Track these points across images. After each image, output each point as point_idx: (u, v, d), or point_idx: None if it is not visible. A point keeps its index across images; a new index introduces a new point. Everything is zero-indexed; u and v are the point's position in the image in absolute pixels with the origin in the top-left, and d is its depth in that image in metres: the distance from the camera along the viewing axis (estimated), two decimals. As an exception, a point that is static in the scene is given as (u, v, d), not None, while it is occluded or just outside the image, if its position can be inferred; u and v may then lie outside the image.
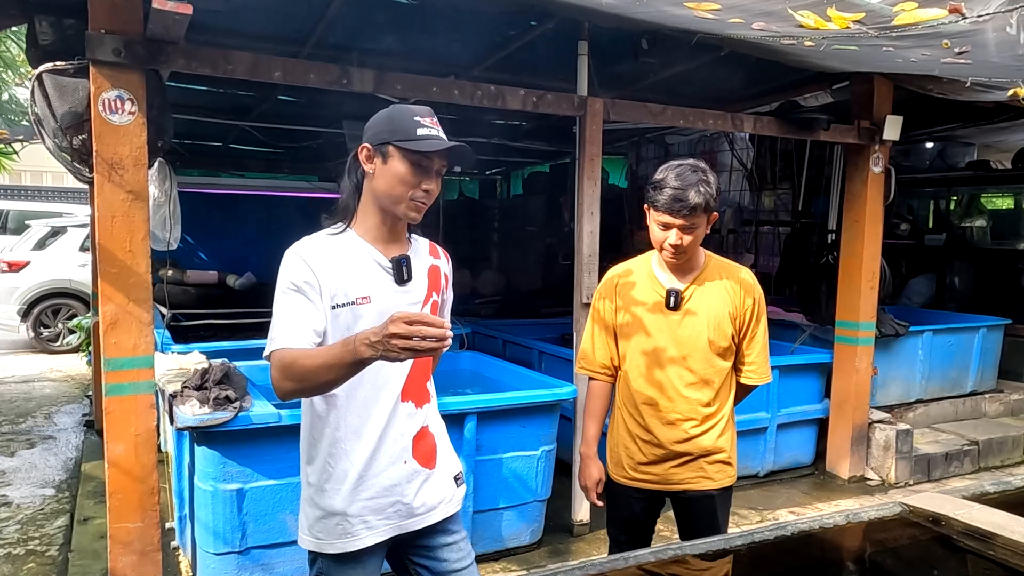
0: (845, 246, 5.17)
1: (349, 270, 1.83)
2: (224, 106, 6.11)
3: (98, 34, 2.84)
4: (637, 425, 2.41)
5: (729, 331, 2.37)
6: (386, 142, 1.82)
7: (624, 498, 2.48)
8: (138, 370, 3.02)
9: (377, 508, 1.88)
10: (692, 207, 2.21)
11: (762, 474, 5.11)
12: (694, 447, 2.38)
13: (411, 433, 1.93)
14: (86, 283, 8.67)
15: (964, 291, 7.40)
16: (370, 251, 1.88)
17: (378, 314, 1.79)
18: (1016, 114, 5.55)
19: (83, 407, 6.67)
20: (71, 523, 4.19)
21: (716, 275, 2.40)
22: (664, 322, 2.36)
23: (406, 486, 1.91)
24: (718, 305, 2.36)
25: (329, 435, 1.87)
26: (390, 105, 1.92)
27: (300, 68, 3.33)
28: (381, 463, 1.88)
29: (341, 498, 1.86)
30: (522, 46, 4.46)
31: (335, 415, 1.86)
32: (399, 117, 1.84)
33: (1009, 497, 2.17)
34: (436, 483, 1.98)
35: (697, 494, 2.41)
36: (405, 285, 1.90)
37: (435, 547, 1.99)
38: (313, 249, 1.83)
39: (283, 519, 3.20)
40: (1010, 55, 3.35)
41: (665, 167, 2.31)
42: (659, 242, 2.31)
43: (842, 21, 2.72)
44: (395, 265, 1.88)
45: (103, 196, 2.93)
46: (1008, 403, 6.25)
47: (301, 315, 1.77)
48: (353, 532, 1.87)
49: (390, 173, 1.82)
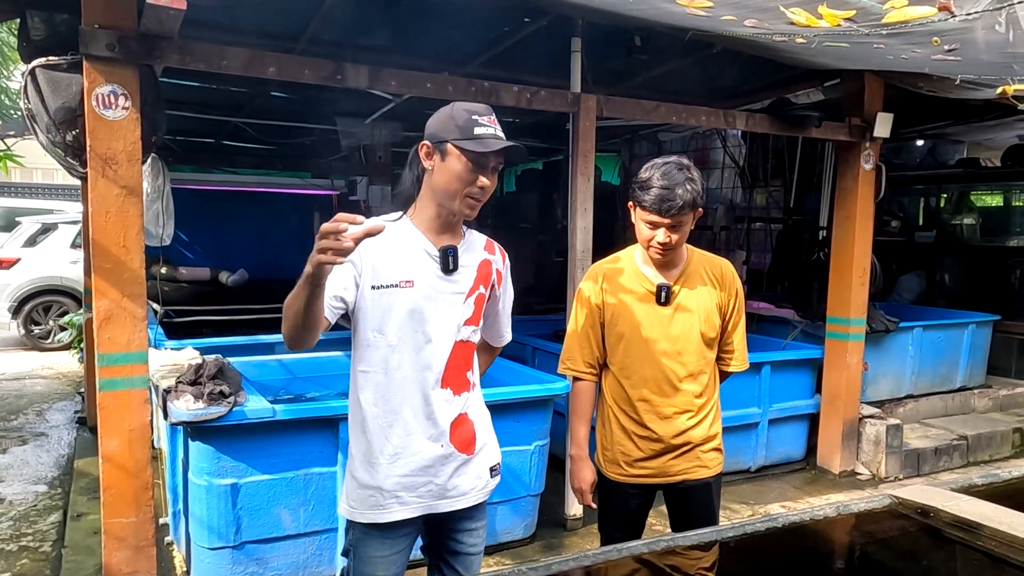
0: (836, 243, 5.21)
1: (396, 255, 1.93)
2: (218, 102, 6.10)
3: (92, 29, 2.84)
4: (632, 422, 2.41)
5: (717, 323, 2.42)
6: (444, 140, 1.90)
7: (621, 496, 2.48)
8: (132, 365, 3.03)
9: (409, 485, 1.96)
10: (680, 206, 2.22)
11: (754, 469, 5.14)
12: (690, 438, 2.40)
13: (449, 418, 2.00)
14: (77, 280, 8.63)
15: (954, 288, 7.46)
16: (421, 240, 1.97)
17: (422, 298, 1.93)
18: (1005, 112, 5.60)
19: (75, 404, 6.65)
20: (64, 519, 4.19)
21: (700, 268, 2.43)
22: (656, 317, 2.37)
23: (440, 468, 1.98)
24: (706, 298, 2.40)
25: (369, 412, 1.95)
26: (450, 104, 1.99)
27: (294, 64, 3.33)
28: (417, 443, 1.96)
29: (376, 472, 1.94)
30: (516, 43, 4.47)
31: (375, 394, 1.95)
32: (458, 116, 1.91)
33: (996, 489, 2.20)
34: (472, 469, 2.06)
35: (694, 483, 2.44)
36: (451, 275, 1.98)
37: (460, 530, 2.08)
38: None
39: (278, 514, 3.21)
40: (999, 53, 3.38)
41: (650, 165, 2.31)
42: (646, 240, 2.32)
43: (833, 19, 2.74)
44: (442, 254, 1.96)
45: (97, 191, 2.93)
46: (997, 398, 6.31)
47: (331, 285, 1.83)
48: (384, 505, 1.95)
49: (448, 170, 1.90)
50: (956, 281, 7.47)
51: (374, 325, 1.92)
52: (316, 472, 3.29)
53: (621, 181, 8.90)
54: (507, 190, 10.99)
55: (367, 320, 1.92)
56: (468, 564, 2.10)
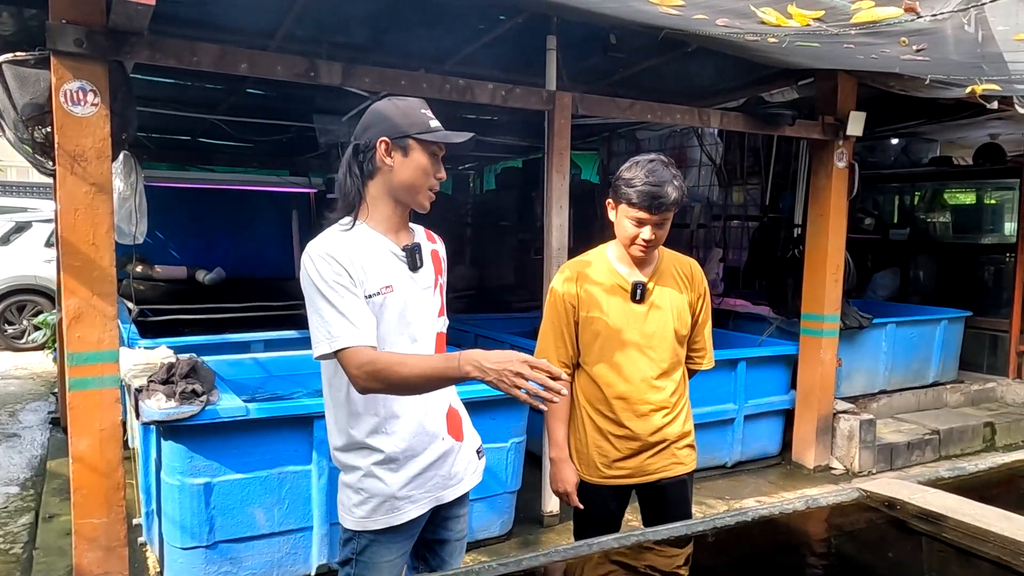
0: (810, 240, 5.26)
1: (371, 262, 1.89)
2: (192, 99, 6.04)
3: (59, 24, 2.80)
4: (609, 421, 2.41)
5: (688, 320, 2.45)
6: (406, 135, 1.88)
7: (599, 498, 2.45)
8: (103, 364, 2.99)
9: (420, 484, 1.98)
10: (671, 203, 2.25)
11: (730, 464, 5.19)
12: (666, 435, 2.42)
13: (443, 411, 2.04)
14: (51, 279, 8.50)
15: (927, 284, 7.57)
16: (384, 241, 1.93)
17: (401, 301, 1.92)
18: (977, 111, 5.69)
19: (49, 404, 6.56)
20: (36, 520, 4.13)
21: (671, 267, 2.46)
22: (631, 315, 2.38)
23: (444, 461, 2.02)
24: (678, 296, 2.42)
25: (370, 421, 1.92)
26: (378, 99, 1.99)
27: (267, 60, 3.31)
28: (423, 442, 1.97)
29: (390, 480, 1.93)
30: (491, 41, 4.47)
31: (376, 401, 1.92)
32: (411, 111, 1.90)
33: (962, 482, 2.23)
34: (464, 455, 2.10)
35: (670, 480, 2.45)
36: (418, 272, 1.97)
37: (449, 518, 2.11)
38: (336, 245, 1.86)
39: (252, 513, 3.19)
40: (968, 52, 3.43)
41: (632, 163, 2.31)
42: (630, 237, 2.31)
43: (803, 18, 2.77)
44: (408, 253, 1.96)
45: (66, 189, 2.89)
46: (968, 393, 6.41)
47: (358, 310, 1.81)
48: (399, 507, 1.95)
49: (413, 165, 1.89)
50: (929, 278, 7.58)
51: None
52: (291, 471, 3.27)
53: (600, 179, 8.93)
54: (487, 188, 11.00)
55: None
56: (453, 550, 2.13)
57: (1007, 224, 7.40)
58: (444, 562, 2.13)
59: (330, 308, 1.80)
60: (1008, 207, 7.41)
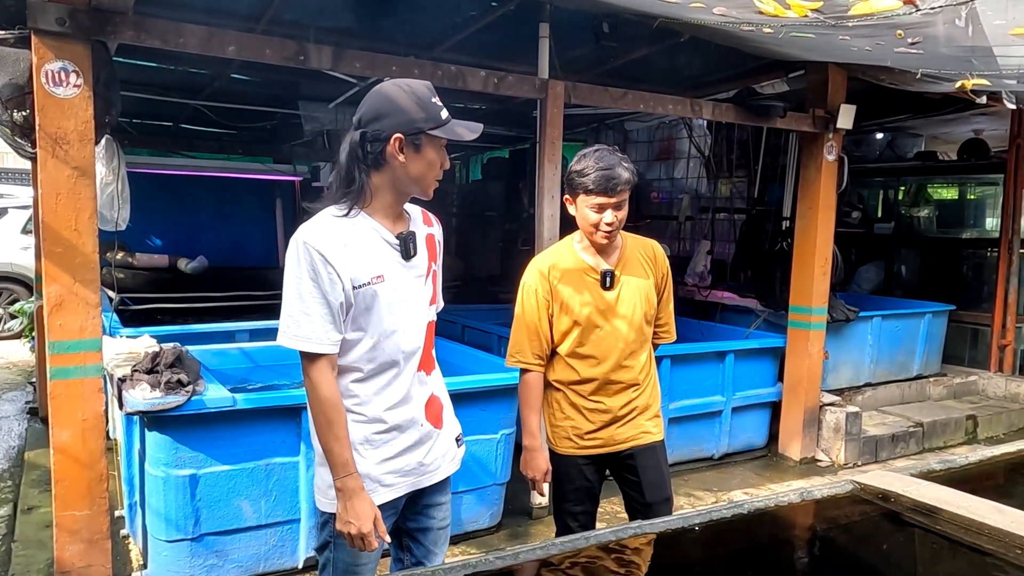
0: (799, 233, 5.27)
1: (362, 251, 1.87)
2: (175, 83, 5.92)
3: (40, 2, 2.71)
4: (582, 398, 2.57)
5: (655, 300, 2.62)
6: (420, 131, 1.83)
7: (575, 468, 2.60)
8: (85, 353, 2.92)
9: (395, 468, 1.98)
10: (624, 182, 2.39)
11: (717, 456, 5.20)
12: (634, 406, 2.60)
13: (424, 399, 2.04)
14: (28, 267, 8.36)
15: (911, 278, 7.63)
16: (379, 230, 1.91)
17: (392, 290, 1.91)
18: (962, 106, 5.72)
19: (26, 394, 6.45)
20: (14, 512, 4.05)
21: (635, 251, 2.61)
22: (602, 302, 2.52)
23: (421, 447, 2.02)
24: (643, 279, 2.58)
25: (349, 403, 1.92)
26: (393, 86, 1.88)
27: (255, 43, 3.23)
28: (401, 428, 1.97)
29: (365, 464, 1.93)
30: (483, 27, 4.41)
31: (356, 387, 1.93)
32: (424, 103, 1.85)
33: (954, 474, 2.24)
34: (442, 442, 2.10)
35: (641, 448, 2.61)
36: (411, 260, 1.96)
37: (430, 505, 2.11)
38: (325, 237, 1.83)
39: (238, 505, 3.15)
40: (958, 47, 3.44)
41: (580, 156, 2.46)
42: (593, 224, 2.43)
43: (800, 9, 2.76)
44: (402, 242, 1.93)
45: (47, 172, 2.81)
46: (951, 386, 6.48)
47: (326, 316, 1.83)
48: (373, 489, 1.94)
49: (424, 160, 1.86)
50: (913, 272, 7.65)
51: (354, 324, 1.90)
52: (278, 462, 3.23)
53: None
54: (473, 178, 10.94)
55: (348, 318, 1.89)
56: (436, 538, 2.13)
57: (989, 219, 7.47)
58: (429, 551, 2.12)
59: (300, 306, 1.82)
60: (991, 202, 7.48)
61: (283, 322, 1.86)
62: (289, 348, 1.85)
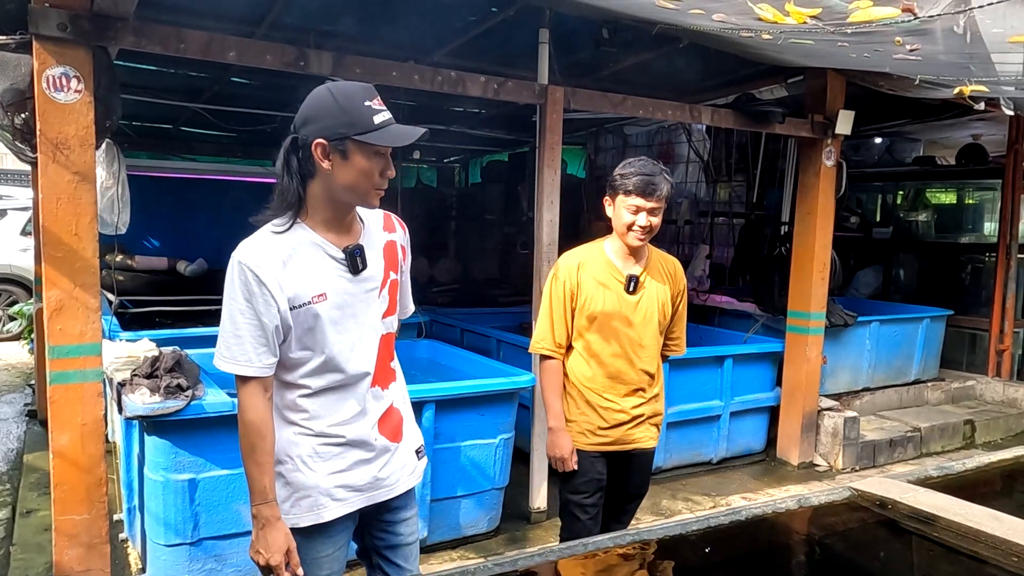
0: (797, 238, 5.28)
1: (302, 270, 1.79)
2: (175, 87, 5.94)
3: (42, 7, 2.72)
4: (600, 397, 2.70)
5: (670, 312, 2.78)
6: (344, 137, 1.71)
7: (588, 462, 2.74)
8: (84, 357, 2.92)
9: (346, 483, 1.92)
10: (661, 190, 2.57)
11: (715, 461, 5.21)
12: (645, 410, 2.76)
13: (379, 413, 1.96)
14: (27, 268, 8.36)
15: (909, 283, 7.64)
16: (322, 244, 1.81)
17: (336, 308, 1.83)
18: (961, 112, 5.73)
19: (25, 396, 6.45)
20: (13, 516, 4.05)
21: (658, 263, 2.78)
22: (624, 304, 2.67)
23: (375, 462, 1.95)
24: (663, 290, 2.74)
25: (298, 418, 1.88)
26: (324, 88, 1.78)
27: (256, 49, 3.24)
28: (353, 443, 1.91)
29: (314, 476, 1.88)
30: (483, 32, 4.43)
31: (307, 402, 1.88)
32: (351, 106, 1.71)
33: (951, 481, 2.25)
34: (401, 456, 2.03)
35: (641, 451, 2.80)
36: (360, 275, 1.86)
37: (394, 521, 2.05)
38: (261, 256, 1.76)
39: (237, 509, 3.14)
40: (957, 54, 3.45)
41: (625, 163, 2.64)
42: (628, 225, 2.59)
43: (800, 16, 2.77)
44: (348, 257, 1.83)
45: (48, 177, 2.82)
46: (949, 391, 6.49)
47: (259, 338, 1.77)
48: (324, 505, 1.91)
49: (354, 169, 1.74)
50: (911, 276, 7.66)
51: (299, 343, 1.82)
52: (277, 466, 3.22)
53: (587, 174, 8.92)
54: (472, 181, 10.94)
55: (292, 339, 1.81)
56: (406, 554, 2.08)
57: (988, 224, 7.48)
58: (400, 568, 2.07)
59: (232, 328, 1.77)
60: (989, 207, 7.49)
61: (217, 343, 1.80)
62: (224, 369, 1.79)
